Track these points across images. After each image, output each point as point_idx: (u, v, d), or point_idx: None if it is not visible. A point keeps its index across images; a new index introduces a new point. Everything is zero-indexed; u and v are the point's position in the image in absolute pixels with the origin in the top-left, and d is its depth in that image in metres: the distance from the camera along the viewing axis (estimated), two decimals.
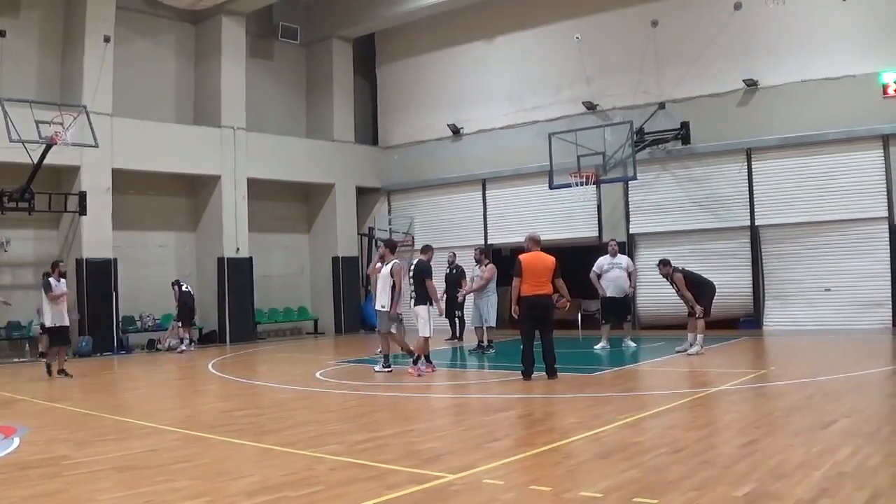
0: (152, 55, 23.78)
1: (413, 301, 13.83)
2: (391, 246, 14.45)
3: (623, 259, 17.20)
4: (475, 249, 18.54)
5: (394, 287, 13.75)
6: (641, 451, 6.98)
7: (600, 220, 22.75)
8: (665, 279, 15.53)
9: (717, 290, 15.62)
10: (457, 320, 19.68)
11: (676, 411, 9.22)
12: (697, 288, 15.00)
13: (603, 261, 17.04)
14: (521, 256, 12.31)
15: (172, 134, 22.83)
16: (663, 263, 15.46)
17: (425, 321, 13.61)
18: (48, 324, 15.20)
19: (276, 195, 26.29)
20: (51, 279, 15.23)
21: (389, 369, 13.75)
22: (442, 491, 5.93)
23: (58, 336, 15.29)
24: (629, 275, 16.97)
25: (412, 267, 14.05)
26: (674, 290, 15.49)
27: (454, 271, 19.61)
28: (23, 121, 17.34)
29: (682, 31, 21.32)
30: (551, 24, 24.03)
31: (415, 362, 13.60)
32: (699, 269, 16.25)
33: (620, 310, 17.07)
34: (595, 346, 16.65)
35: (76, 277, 20.52)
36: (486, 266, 17.49)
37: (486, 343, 17.14)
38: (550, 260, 12.21)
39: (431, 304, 13.79)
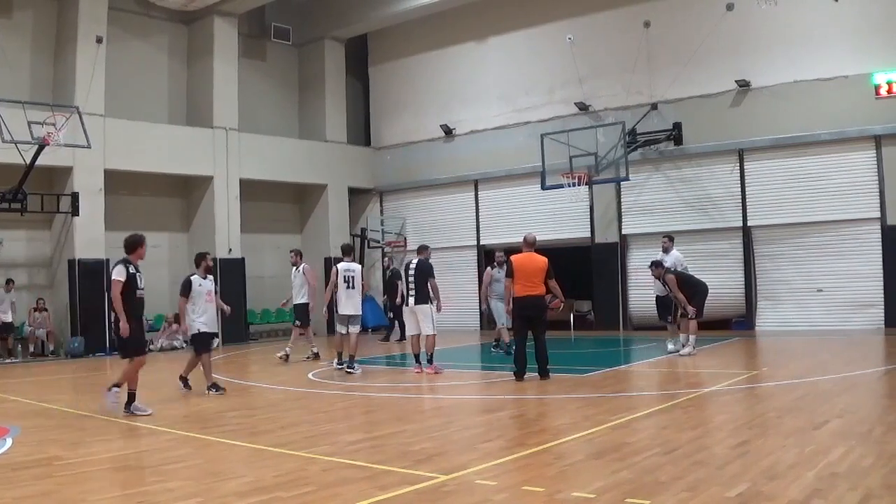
0: (145, 56, 23.74)
1: (413, 300, 13.86)
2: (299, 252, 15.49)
3: (670, 257, 15.91)
4: (499, 252, 17.14)
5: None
6: (634, 452, 6.98)
7: (592, 220, 22.79)
8: (657, 280, 15.50)
9: (710, 291, 15.62)
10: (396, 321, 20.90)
11: (669, 412, 9.22)
12: (690, 288, 15.00)
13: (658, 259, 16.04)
14: (513, 257, 12.35)
15: (165, 134, 22.78)
16: (655, 265, 15.42)
17: (429, 320, 13.74)
18: (199, 330, 12.65)
19: (269, 196, 26.28)
20: (193, 277, 13.12)
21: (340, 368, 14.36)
22: (434, 492, 5.93)
23: (201, 341, 12.83)
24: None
25: (412, 266, 14.05)
26: (666, 291, 15.47)
27: (391, 275, 21.04)
28: (15, 121, 17.33)
29: (674, 32, 21.37)
30: (543, 24, 24.07)
31: (430, 361, 13.72)
32: (691, 269, 16.27)
33: (668, 309, 15.86)
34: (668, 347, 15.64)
35: (68, 278, 20.52)
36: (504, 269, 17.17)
37: (507, 342, 16.42)
38: (542, 261, 12.22)
39: (432, 302, 13.91)
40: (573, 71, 22.74)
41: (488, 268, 17.23)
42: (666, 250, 16.07)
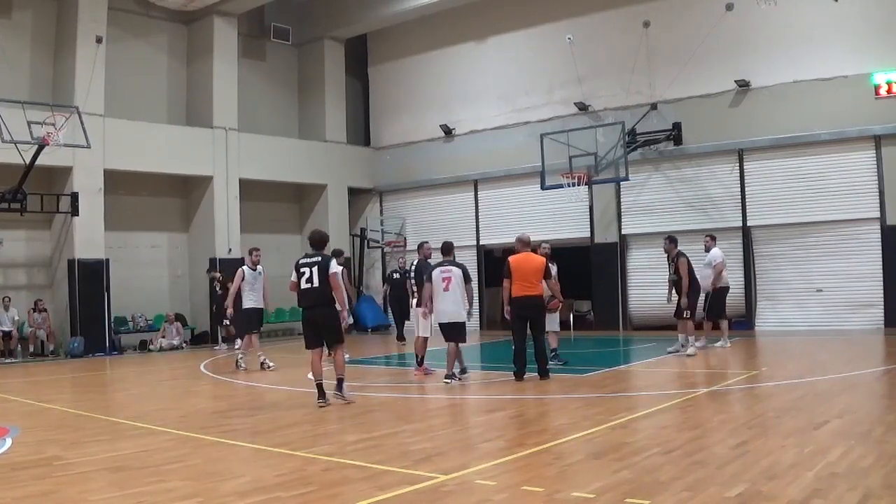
0: (144, 56, 23.74)
1: (416, 301, 13.76)
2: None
3: (710, 255, 15.93)
4: (544, 244, 14.90)
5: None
6: (633, 452, 6.99)
7: (592, 220, 22.78)
8: (666, 257, 15.23)
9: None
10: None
11: (668, 412, 9.23)
12: (691, 283, 14.92)
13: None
14: (511, 258, 12.33)
15: (164, 134, 22.79)
16: (671, 240, 15.20)
17: (425, 322, 13.59)
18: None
19: (268, 196, 26.29)
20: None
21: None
22: (434, 491, 5.93)
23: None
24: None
25: (412, 267, 14.00)
26: (668, 273, 15.17)
27: (402, 275, 19.70)
28: (15, 121, 17.34)
29: (673, 32, 21.37)
30: (543, 24, 24.06)
31: (420, 363, 13.62)
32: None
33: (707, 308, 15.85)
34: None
35: (68, 278, 20.51)
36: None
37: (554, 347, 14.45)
38: (539, 260, 12.20)
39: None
40: (573, 71, 22.72)
41: None
42: (708, 249, 16.03)
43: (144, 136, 22.10)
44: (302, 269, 10.52)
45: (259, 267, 15.56)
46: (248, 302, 15.40)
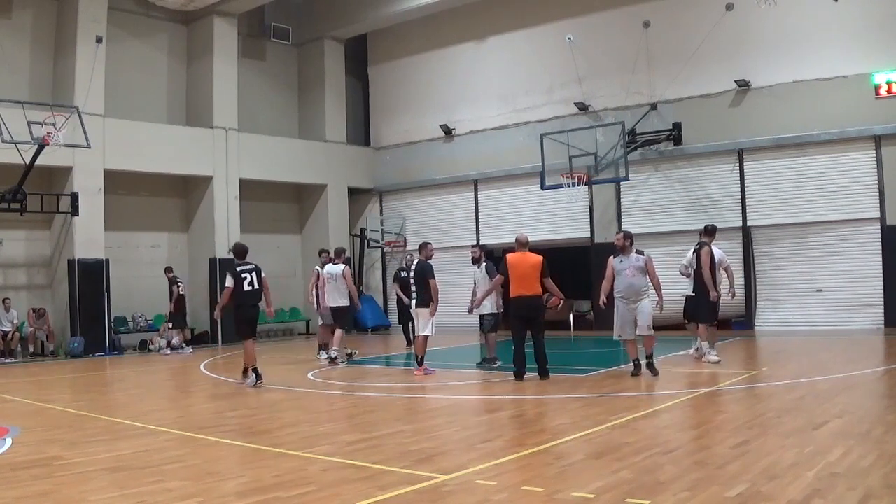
0: (144, 56, 23.73)
1: (415, 302, 13.84)
2: (337, 253, 16.22)
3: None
4: (618, 234, 13.42)
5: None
6: (633, 452, 6.98)
7: (592, 220, 22.77)
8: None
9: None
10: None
11: (668, 412, 9.23)
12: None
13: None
14: (507, 256, 12.32)
15: (164, 134, 22.77)
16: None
17: (427, 321, 13.61)
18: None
19: (268, 196, 26.28)
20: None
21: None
22: (434, 491, 5.93)
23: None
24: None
25: (413, 267, 14.09)
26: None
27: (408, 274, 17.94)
28: (15, 121, 17.35)
29: (673, 32, 21.38)
30: (543, 24, 24.05)
31: (420, 363, 13.62)
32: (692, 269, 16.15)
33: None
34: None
35: (68, 278, 20.51)
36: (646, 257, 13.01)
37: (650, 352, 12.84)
38: (536, 259, 12.15)
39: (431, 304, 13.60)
40: (573, 71, 22.74)
41: (611, 257, 12.91)
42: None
43: (144, 136, 22.08)
44: (244, 276, 12.83)
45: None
46: (342, 300, 15.83)
